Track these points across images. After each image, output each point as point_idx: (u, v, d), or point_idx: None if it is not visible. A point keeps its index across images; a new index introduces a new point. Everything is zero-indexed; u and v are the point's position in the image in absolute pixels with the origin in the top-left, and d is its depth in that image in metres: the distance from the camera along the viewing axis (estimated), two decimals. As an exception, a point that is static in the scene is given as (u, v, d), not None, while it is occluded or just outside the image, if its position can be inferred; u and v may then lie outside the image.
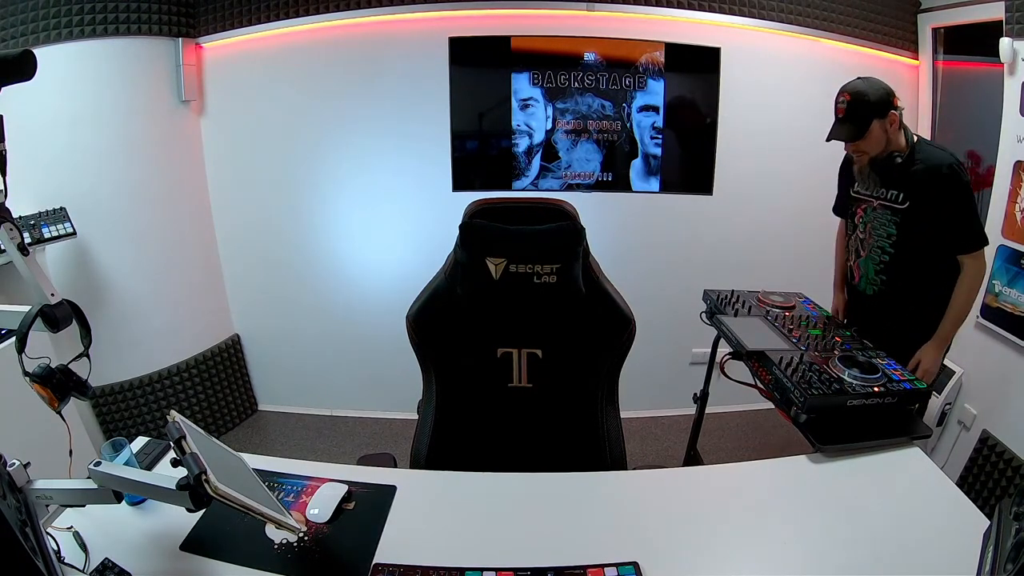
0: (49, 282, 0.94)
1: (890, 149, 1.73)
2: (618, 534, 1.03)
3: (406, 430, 1.90)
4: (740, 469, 1.24)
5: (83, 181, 2.37)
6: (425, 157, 2.75)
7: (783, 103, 2.80)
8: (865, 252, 1.90)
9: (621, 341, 1.36)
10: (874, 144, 1.72)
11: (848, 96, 1.71)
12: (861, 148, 1.75)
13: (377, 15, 2.56)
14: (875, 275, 1.88)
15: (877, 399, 1.26)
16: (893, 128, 1.71)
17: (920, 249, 1.76)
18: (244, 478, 0.98)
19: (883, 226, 1.81)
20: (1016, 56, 2.13)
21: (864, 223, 1.88)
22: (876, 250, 1.85)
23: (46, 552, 0.80)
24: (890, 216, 1.79)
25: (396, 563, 0.96)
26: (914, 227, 1.74)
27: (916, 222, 1.73)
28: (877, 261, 1.86)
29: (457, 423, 1.41)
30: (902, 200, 1.75)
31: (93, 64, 2.35)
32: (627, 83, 2.71)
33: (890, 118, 1.69)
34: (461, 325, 1.36)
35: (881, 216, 1.81)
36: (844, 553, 0.99)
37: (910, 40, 2.80)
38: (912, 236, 1.76)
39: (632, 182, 2.83)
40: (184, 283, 2.76)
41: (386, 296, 2.77)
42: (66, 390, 0.91)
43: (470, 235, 1.26)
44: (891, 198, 1.77)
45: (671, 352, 2.97)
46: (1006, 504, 0.75)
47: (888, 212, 1.79)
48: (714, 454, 2.68)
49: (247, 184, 2.82)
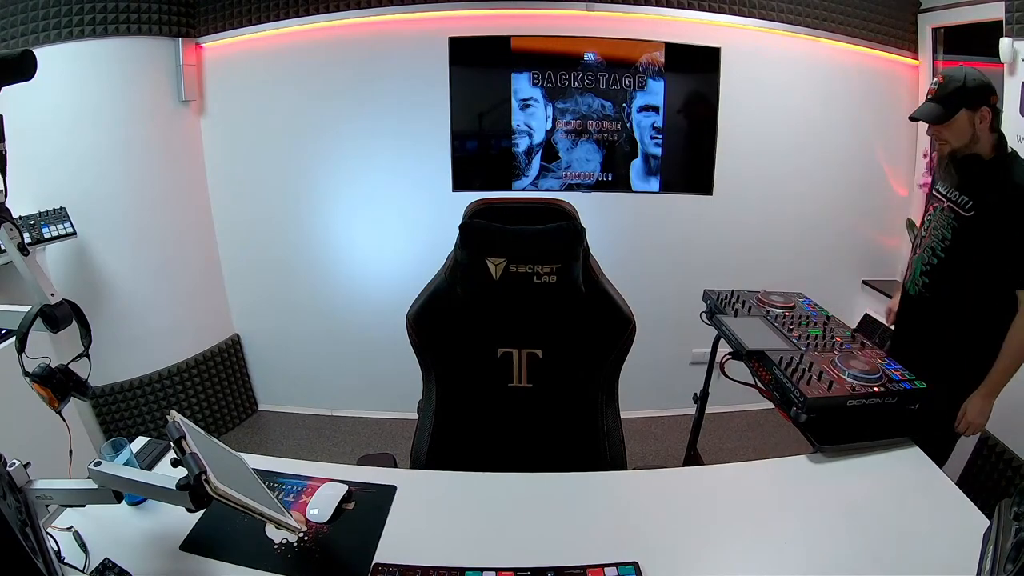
0: (49, 282, 0.94)
1: (974, 148, 1.59)
2: (618, 534, 1.03)
3: (406, 430, 1.90)
4: (740, 469, 1.24)
5: (83, 181, 2.37)
6: (425, 157, 2.75)
7: (783, 103, 2.80)
8: (919, 251, 1.78)
9: (621, 341, 1.36)
10: (957, 134, 1.58)
11: (942, 78, 1.59)
12: (943, 135, 1.61)
13: (377, 15, 2.56)
14: (920, 276, 1.77)
15: (877, 399, 1.26)
16: (982, 125, 1.55)
17: (970, 264, 1.62)
18: (244, 478, 0.98)
19: (941, 228, 1.69)
20: (1016, 56, 2.13)
21: (929, 221, 1.76)
22: (928, 250, 1.73)
23: (46, 552, 0.80)
24: (951, 220, 1.66)
25: (396, 563, 0.96)
26: (971, 239, 1.60)
27: (974, 235, 1.59)
28: (925, 262, 1.74)
29: (457, 423, 1.41)
30: (969, 208, 1.60)
31: (93, 64, 2.35)
32: (627, 83, 2.71)
33: (981, 113, 1.54)
34: (461, 325, 1.36)
35: (944, 218, 1.69)
36: (844, 553, 0.99)
37: (910, 40, 2.80)
38: (966, 248, 1.62)
39: (632, 182, 2.83)
40: (184, 283, 2.76)
41: (386, 296, 2.77)
42: (66, 390, 0.91)
43: (470, 235, 1.26)
44: (960, 203, 1.63)
45: (671, 352, 2.97)
46: (1006, 504, 0.75)
47: (951, 216, 1.66)
48: (714, 454, 2.67)
49: (247, 184, 2.82)
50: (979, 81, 1.55)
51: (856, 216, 3.01)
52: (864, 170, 2.95)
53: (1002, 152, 1.59)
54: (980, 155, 1.59)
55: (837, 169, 2.92)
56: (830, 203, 2.96)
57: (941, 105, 1.57)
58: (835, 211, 2.97)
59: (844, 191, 2.94)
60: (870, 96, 2.84)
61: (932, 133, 1.66)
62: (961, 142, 1.59)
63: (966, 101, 1.54)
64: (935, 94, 1.59)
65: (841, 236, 3.02)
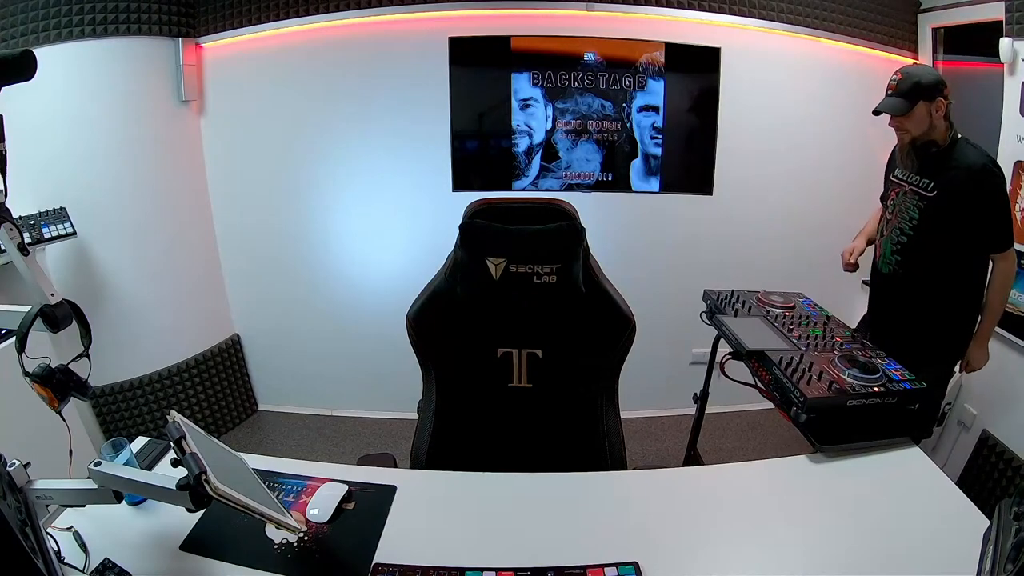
0: (49, 282, 0.94)
1: (931, 136, 1.78)
2: (618, 534, 1.03)
3: (406, 430, 1.90)
4: (740, 469, 1.24)
5: (83, 181, 2.37)
6: (425, 157, 2.75)
7: (783, 103, 2.80)
8: (887, 232, 1.96)
9: (621, 341, 1.36)
10: (916, 123, 1.76)
11: (900, 75, 1.77)
12: (904, 125, 1.79)
13: (377, 15, 2.56)
14: (891, 255, 1.94)
15: (877, 399, 1.26)
16: (938, 115, 1.74)
17: (937, 239, 1.81)
18: (244, 478, 0.98)
19: (907, 210, 1.87)
20: (1016, 56, 2.13)
21: (894, 205, 1.94)
22: (896, 231, 1.91)
23: (46, 552, 0.80)
24: (916, 201, 1.84)
25: (396, 563, 0.96)
26: (936, 217, 1.79)
27: (939, 213, 1.78)
28: (895, 242, 1.92)
29: (457, 423, 1.41)
30: (931, 189, 1.80)
31: (93, 64, 2.35)
32: (627, 83, 2.71)
33: (937, 104, 1.72)
34: (461, 325, 1.36)
35: (908, 200, 1.87)
36: (844, 553, 0.99)
37: (910, 40, 2.80)
38: (932, 225, 1.81)
39: (632, 182, 2.83)
40: (184, 283, 2.76)
41: (386, 296, 2.77)
42: (66, 390, 0.91)
43: (470, 235, 1.26)
44: (922, 185, 1.83)
45: (671, 352, 2.97)
46: (1006, 504, 0.75)
47: (916, 198, 1.85)
48: (714, 454, 2.67)
49: (247, 184, 2.82)
50: (933, 76, 1.77)
51: (856, 216, 2.99)
52: (864, 170, 2.93)
53: (955, 138, 1.78)
54: (936, 141, 1.79)
55: (837, 169, 2.92)
56: (830, 203, 2.95)
57: (903, 98, 1.75)
58: (835, 211, 2.96)
59: (844, 191, 2.94)
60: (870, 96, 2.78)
61: (894, 124, 1.84)
62: (920, 131, 1.78)
63: (924, 94, 1.72)
64: (895, 89, 1.78)
65: (841, 236, 2.99)
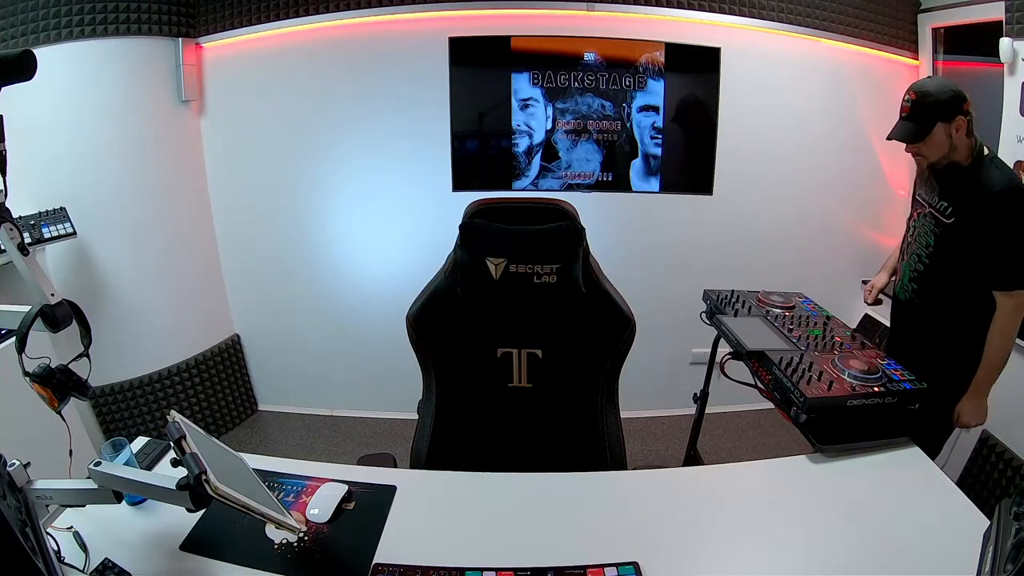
0: (49, 282, 0.94)
1: (953, 157, 1.59)
2: (618, 534, 1.03)
3: (406, 430, 1.90)
4: (740, 469, 1.25)
5: (83, 181, 2.37)
6: (425, 157, 2.75)
7: (783, 103, 2.80)
8: (907, 257, 1.82)
9: (621, 341, 1.36)
10: (935, 148, 1.59)
11: (914, 95, 1.59)
12: (921, 151, 1.62)
13: (377, 15, 2.56)
14: (908, 281, 1.81)
15: (877, 399, 1.26)
16: (959, 135, 1.56)
17: (951, 269, 1.65)
18: (244, 478, 0.99)
19: (925, 235, 1.72)
20: (1016, 56, 2.13)
21: (914, 227, 1.79)
22: (914, 257, 1.77)
23: (46, 552, 0.80)
24: (932, 227, 1.69)
25: (396, 563, 0.96)
26: (952, 245, 1.63)
27: (955, 241, 1.62)
28: (912, 268, 1.78)
29: (457, 423, 1.41)
30: (949, 215, 1.63)
31: (93, 64, 2.35)
32: (627, 83, 2.71)
33: (956, 123, 1.55)
34: (461, 325, 1.36)
35: (927, 224, 1.72)
36: (844, 553, 0.99)
37: (910, 40, 2.80)
38: (948, 253, 1.65)
39: (632, 182, 2.82)
40: (184, 283, 2.76)
41: (386, 296, 2.77)
42: (66, 390, 0.91)
43: (470, 235, 1.26)
44: (940, 209, 1.66)
45: (671, 352, 2.97)
46: (1006, 504, 0.75)
47: (933, 222, 1.69)
48: (714, 454, 2.67)
49: (247, 184, 2.82)
50: (950, 91, 1.55)
51: (856, 216, 3.01)
52: (864, 170, 2.95)
53: (979, 156, 1.60)
54: (959, 163, 1.60)
55: (837, 169, 2.92)
56: (830, 203, 2.96)
57: (915, 123, 1.58)
58: (835, 211, 2.97)
59: (844, 191, 2.94)
60: (870, 96, 2.84)
61: (911, 151, 1.65)
62: (939, 155, 1.60)
63: (941, 114, 1.55)
64: (909, 112, 1.60)
65: (841, 236, 3.02)
